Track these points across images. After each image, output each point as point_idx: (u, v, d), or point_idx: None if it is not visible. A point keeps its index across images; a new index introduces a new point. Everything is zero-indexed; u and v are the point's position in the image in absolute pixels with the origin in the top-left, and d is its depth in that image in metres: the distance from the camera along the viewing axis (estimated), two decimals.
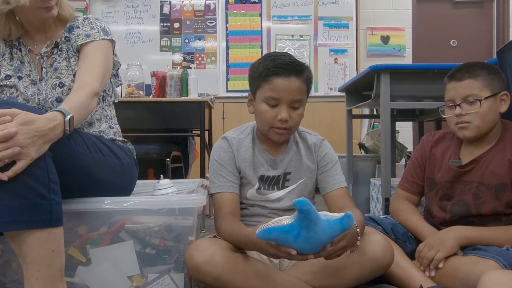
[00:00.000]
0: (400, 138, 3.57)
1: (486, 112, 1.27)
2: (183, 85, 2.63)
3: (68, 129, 1.00)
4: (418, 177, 1.46)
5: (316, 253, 0.95)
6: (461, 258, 1.20)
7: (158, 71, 2.70)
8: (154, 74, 2.70)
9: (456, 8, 4.64)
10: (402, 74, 1.86)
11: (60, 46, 1.32)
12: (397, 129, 3.16)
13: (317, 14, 4.21)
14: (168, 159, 2.69)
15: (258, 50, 4.18)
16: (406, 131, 4.12)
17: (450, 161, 1.37)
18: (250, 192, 1.30)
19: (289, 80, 1.19)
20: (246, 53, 4.19)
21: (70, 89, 1.26)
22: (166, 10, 4.20)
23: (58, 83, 1.29)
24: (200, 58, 4.19)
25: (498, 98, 1.29)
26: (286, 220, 0.92)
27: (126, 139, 1.43)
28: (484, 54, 4.51)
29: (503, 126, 1.34)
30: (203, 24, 4.21)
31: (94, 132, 1.31)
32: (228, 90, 4.16)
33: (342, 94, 2.66)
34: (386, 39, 4.49)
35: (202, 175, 2.45)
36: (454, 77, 1.32)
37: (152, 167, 2.90)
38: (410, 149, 3.67)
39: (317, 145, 1.34)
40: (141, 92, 2.65)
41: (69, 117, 1.01)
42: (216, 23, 4.20)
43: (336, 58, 4.19)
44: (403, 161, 3.36)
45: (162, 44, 4.19)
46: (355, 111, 2.89)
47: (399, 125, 3.31)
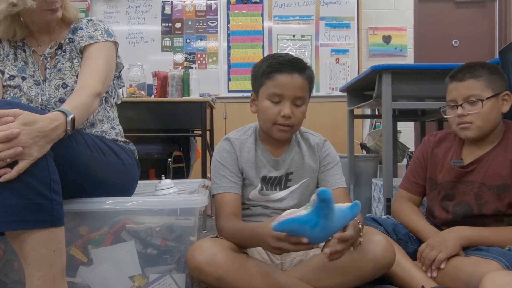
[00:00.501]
0: (401, 138, 3.56)
1: (488, 112, 1.27)
2: (185, 85, 2.63)
3: (69, 129, 1.01)
4: (419, 177, 1.46)
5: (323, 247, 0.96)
6: (463, 259, 1.20)
7: (159, 71, 2.71)
8: (155, 74, 2.70)
9: (458, 8, 4.63)
10: (403, 74, 1.86)
11: (63, 47, 1.33)
12: (398, 129, 3.16)
13: (318, 14, 4.20)
14: (169, 159, 2.69)
15: (259, 50, 4.18)
16: (408, 131, 4.11)
17: (452, 161, 1.36)
18: (253, 193, 1.30)
19: (292, 76, 1.20)
20: (248, 53, 4.19)
21: (73, 89, 1.26)
22: (167, 10, 4.20)
23: (61, 84, 1.29)
24: (201, 58, 4.19)
25: (500, 98, 1.29)
26: (300, 211, 0.93)
27: (127, 140, 1.43)
28: (486, 54, 4.50)
29: (505, 126, 1.33)
30: (205, 24, 4.21)
31: (96, 132, 1.32)
32: (229, 90, 4.16)
33: (344, 94, 2.66)
34: (387, 39, 4.48)
35: (204, 175, 2.46)
36: (456, 77, 1.32)
37: (153, 167, 2.90)
38: (412, 149, 3.66)
39: (319, 145, 1.35)
40: (142, 92, 2.66)
41: (71, 117, 1.01)
42: (217, 23, 4.20)
43: (337, 58, 4.19)
44: (405, 161, 3.36)
45: (163, 44, 4.20)
46: (357, 111, 2.89)
47: (401, 125, 3.31)
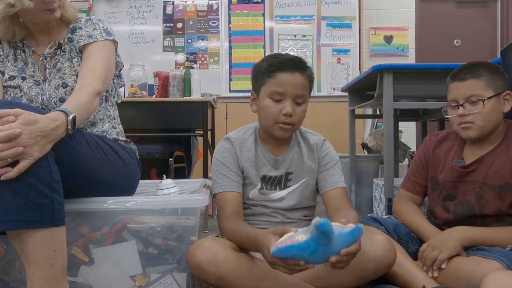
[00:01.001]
0: (403, 138, 3.56)
1: (489, 112, 1.26)
2: (186, 85, 2.63)
3: (70, 128, 1.01)
4: (421, 177, 1.46)
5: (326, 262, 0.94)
6: (464, 259, 1.19)
7: (161, 71, 2.71)
8: (157, 74, 2.70)
9: (459, 7, 4.62)
10: (405, 74, 1.86)
11: (63, 47, 1.33)
12: (400, 129, 3.16)
13: (320, 14, 4.20)
14: (170, 159, 2.70)
15: (261, 50, 4.18)
16: (409, 131, 4.10)
17: (453, 161, 1.36)
18: (253, 192, 1.30)
19: (293, 75, 1.21)
20: (249, 53, 4.19)
21: (73, 89, 1.26)
22: (169, 10, 4.21)
23: (61, 84, 1.29)
24: (203, 58, 4.20)
25: (502, 98, 1.29)
26: (299, 236, 0.91)
27: (128, 139, 1.43)
28: (487, 54, 4.49)
29: (507, 126, 1.33)
30: (206, 24, 4.21)
31: (97, 132, 1.32)
32: (230, 90, 4.17)
33: (345, 94, 2.66)
34: (389, 39, 4.48)
35: (205, 175, 2.46)
36: (457, 77, 1.32)
37: (154, 167, 2.90)
38: (413, 149, 3.66)
39: (319, 145, 1.35)
40: (144, 92, 2.66)
41: (71, 116, 1.01)
42: (219, 23, 4.20)
43: (339, 58, 4.18)
44: (406, 161, 3.35)
45: (165, 44, 4.20)
46: (358, 111, 2.89)
47: (402, 125, 3.30)
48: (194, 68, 4.06)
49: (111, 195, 1.18)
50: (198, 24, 4.21)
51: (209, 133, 2.72)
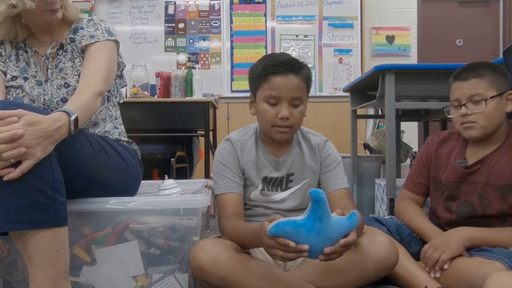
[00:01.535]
0: (405, 138, 3.55)
1: (491, 111, 1.26)
2: (188, 85, 2.63)
3: (73, 129, 1.01)
4: (423, 177, 1.46)
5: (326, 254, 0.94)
6: (466, 260, 1.19)
7: (162, 72, 2.71)
8: (158, 75, 2.70)
9: (462, 7, 4.61)
10: (407, 74, 1.85)
11: (65, 47, 1.34)
12: (402, 129, 3.15)
13: (321, 14, 4.20)
14: (172, 159, 2.70)
15: (262, 50, 4.18)
16: (411, 131, 4.10)
17: (455, 161, 1.36)
18: (254, 193, 1.30)
19: (287, 78, 1.20)
20: (251, 53, 4.19)
21: (75, 89, 1.26)
22: (170, 10, 4.21)
23: (63, 84, 1.30)
24: (204, 59, 4.20)
25: (504, 97, 1.29)
26: (296, 217, 0.93)
27: (130, 140, 1.43)
28: (490, 53, 4.48)
29: (509, 126, 1.33)
30: (208, 24, 4.21)
31: (99, 132, 1.32)
32: (232, 90, 4.17)
33: (347, 94, 2.66)
34: (391, 39, 4.47)
35: (207, 175, 2.46)
36: (459, 76, 1.31)
37: (156, 167, 2.90)
38: (415, 149, 3.65)
39: (320, 145, 1.34)
40: (145, 92, 2.66)
41: (74, 117, 1.01)
42: (220, 24, 4.20)
43: (340, 58, 4.18)
44: (408, 161, 3.34)
45: (166, 44, 4.20)
46: (360, 111, 2.88)
47: (404, 125, 3.29)
48: (195, 68, 4.03)
49: (113, 196, 1.19)
50: (200, 24, 4.21)
51: (210, 133, 2.72)
